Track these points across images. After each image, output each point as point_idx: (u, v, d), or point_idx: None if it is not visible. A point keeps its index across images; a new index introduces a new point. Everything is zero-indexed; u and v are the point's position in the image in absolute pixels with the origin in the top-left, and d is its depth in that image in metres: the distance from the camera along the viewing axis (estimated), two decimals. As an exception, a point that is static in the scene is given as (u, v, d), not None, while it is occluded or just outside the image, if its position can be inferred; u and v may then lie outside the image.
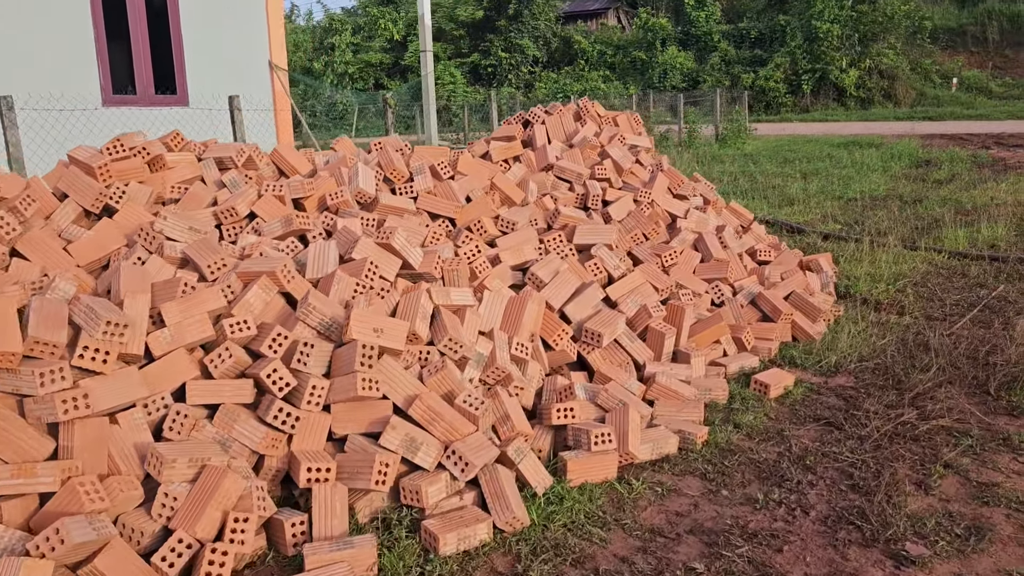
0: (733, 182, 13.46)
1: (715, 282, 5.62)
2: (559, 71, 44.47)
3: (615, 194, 6.10)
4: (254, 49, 14.11)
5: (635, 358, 4.51)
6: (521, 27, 44.40)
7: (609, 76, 43.09)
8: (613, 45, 44.07)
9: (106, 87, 12.19)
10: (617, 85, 41.66)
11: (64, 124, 11.23)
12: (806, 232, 9.06)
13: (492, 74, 45.05)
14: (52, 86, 11.33)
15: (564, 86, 41.81)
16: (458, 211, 5.11)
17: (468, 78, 45.06)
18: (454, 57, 45.69)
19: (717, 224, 6.45)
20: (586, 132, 6.68)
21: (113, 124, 12.08)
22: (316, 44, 53.39)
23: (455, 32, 45.74)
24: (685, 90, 38.22)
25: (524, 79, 44.55)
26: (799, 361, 5.09)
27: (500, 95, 41.40)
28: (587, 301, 4.54)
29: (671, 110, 34.46)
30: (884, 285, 6.74)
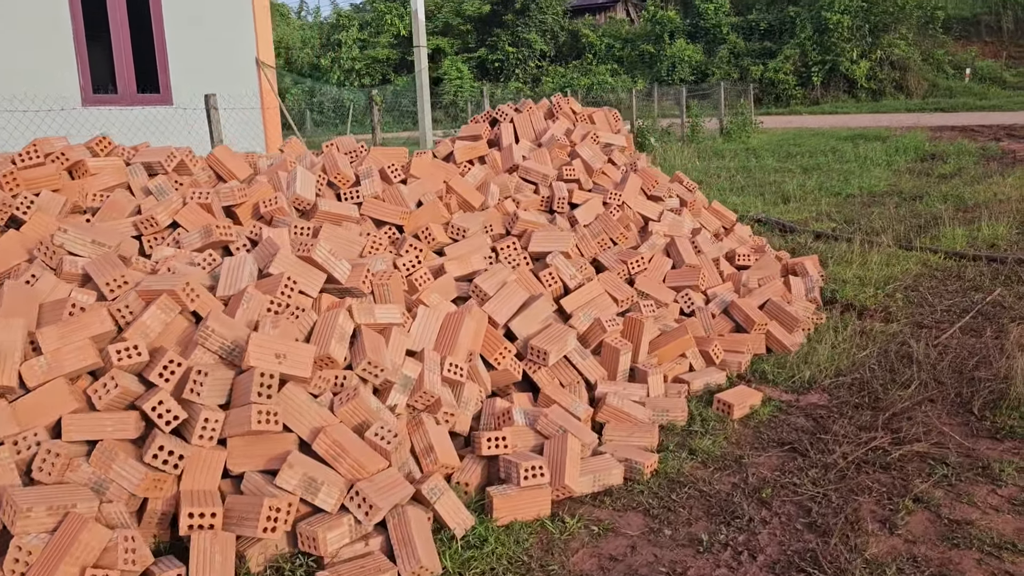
0: (730, 178, 13.07)
1: (685, 290, 5.27)
2: (566, 65, 44.03)
3: (583, 196, 5.76)
4: (240, 46, 13.83)
5: (586, 377, 4.17)
6: (528, 21, 43.99)
7: (617, 70, 42.62)
8: (621, 39, 43.57)
9: (85, 86, 11.95)
10: (625, 79, 41.19)
11: (40, 125, 10.99)
12: (798, 231, 8.69)
13: (499, 69, 44.67)
14: (28, 86, 11.09)
15: (571, 80, 41.39)
16: (405, 217, 4.79)
17: (475, 73, 44.70)
18: (461, 52, 45.33)
19: (693, 227, 6.10)
20: (556, 130, 6.33)
21: (93, 125, 11.83)
22: (323, 40, 53.20)
23: (462, 27, 45.38)
24: (694, 83, 37.73)
25: (531, 74, 44.13)
26: (771, 376, 4.73)
27: (507, 90, 41.12)
28: (535, 315, 4.20)
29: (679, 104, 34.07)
30: (872, 289, 6.36)
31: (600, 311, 4.56)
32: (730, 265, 6.03)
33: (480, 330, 3.98)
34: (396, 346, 3.59)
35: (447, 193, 5.39)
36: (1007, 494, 3.40)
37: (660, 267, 5.45)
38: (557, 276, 4.63)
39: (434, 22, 46.14)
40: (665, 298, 5.06)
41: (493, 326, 4.15)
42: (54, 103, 11.35)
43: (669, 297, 5.09)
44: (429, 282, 4.27)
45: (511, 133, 6.29)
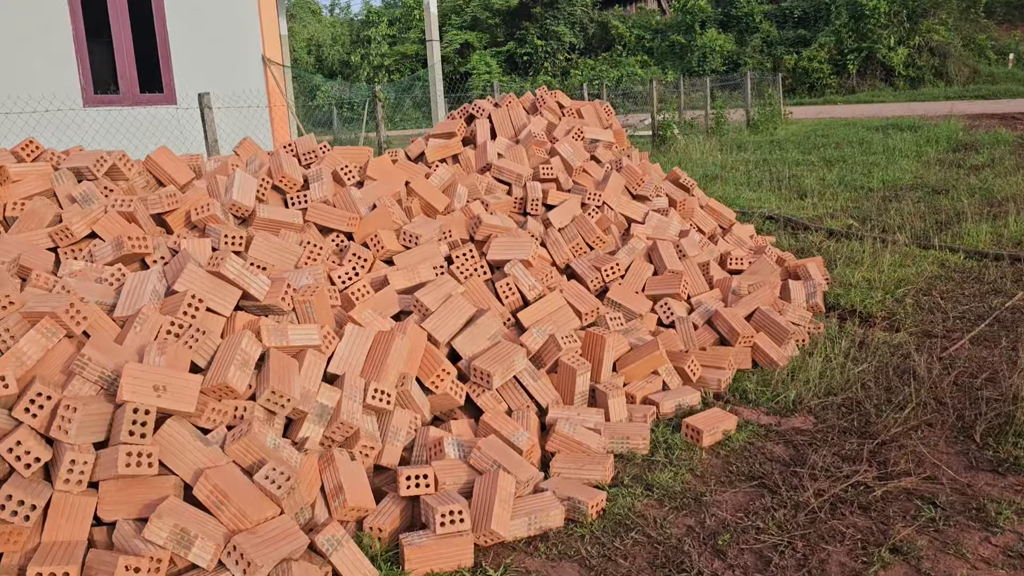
0: (748, 172, 12.53)
1: (664, 299, 4.84)
2: (596, 57, 43.46)
3: (559, 197, 5.35)
4: (246, 43, 13.58)
5: (538, 400, 3.78)
6: (557, 13, 43.48)
7: (647, 61, 41.96)
8: (651, 29, 42.86)
9: (87, 86, 11.77)
10: (655, 70, 40.53)
11: (38, 127, 10.83)
12: (811, 229, 8.18)
13: (528, 63, 44.22)
14: (27, 87, 10.94)
15: (600, 72, 40.84)
16: (354, 223, 4.42)
17: (503, 67, 44.31)
18: (490, 46, 44.96)
19: (681, 228, 5.65)
20: (534, 126, 5.93)
21: (95, 125, 11.68)
22: (354, 37, 53.18)
23: (490, 21, 44.98)
24: (726, 74, 36.93)
25: (560, 67, 43.62)
26: (752, 396, 4.29)
27: (535, 84, 40.66)
28: (481, 332, 3.81)
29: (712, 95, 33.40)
30: (880, 294, 5.87)
31: (560, 326, 4.16)
32: (722, 270, 5.58)
33: (417, 350, 3.61)
34: (311, 371, 3.23)
35: (409, 196, 5.03)
36: (1002, 543, 2.94)
37: (640, 274, 5.03)
38: (514, 287, 4.24)
39: (462, 16, 45.84)
40: (640, 308, 4.64)
41: (433, 345, 3.77)
42: (53, 104, 11.20)
43: (645, 307, 4.67)
44: (368, 296, 3.90)
45: (487, 130, 5.90)
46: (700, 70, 38.98)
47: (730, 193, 10.69)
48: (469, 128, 6.05)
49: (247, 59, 13.66)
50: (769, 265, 5.61)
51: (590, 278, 4.81)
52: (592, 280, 4.81)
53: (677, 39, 40.93)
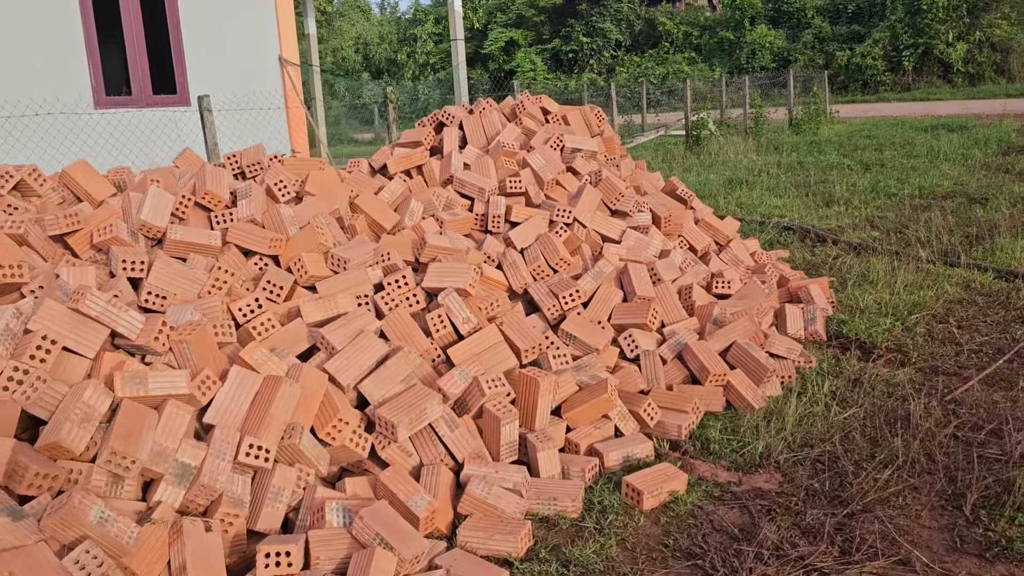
0: (778, 176, 11.86)
1: (629, 329, 4.34)
2: (642, 55, 42.68)
3: (523, 213, 4.88)
4: (262, 43, 13.33)
5: (454, 453, 3.32)
6: (603, 10, 42.80)
7: (694, 58, 41.06)
8: (699, 26, 41.92)
9: (98, 88, 11.61)
10: (702, 67, 39.65)
11: (50, 130, 10.70)
12: (829, 242, 7.56)
13: (573, 60, 43.64)
14: (38, 89, 10.81)
15: (646, 70, 40.10)
16: (277, 245, 4.02)
17: (548, 65, 43.80)
18: (535, 44, 44.47)
19: (662, 248, 5.14)
20: (506, 135, 5.46)
21: (107, 128, 11.54)
22: (400, 36, 53.19)
23: (535, 18, 44.47)
24: (776, 70, 35.85)
25: (606, 64, 42.95)
26: (715, 446, 3.77)
27: (580, 81, 40.08)
28: (391, 374, 3.36)
29: (761, 92, 32.46)
30: (890, 321, 5.28)
31: (494, 364, 3.69)
32: (707, 294, 5.05)
33: (314, 395, 3.18)
34: (171, 425, 2.82)
35: (353, 214, 4.61)
36: (972, 659, 2.40)
37: (606, 301, 4.53)
38: (446, 320, 3.78)
39: (507, 14, 45.44)
40: (597, 341, 4.14)
41: (339, 388, 3.34)
42: (65, 106, 11.06)
43: (603, 340, 4.17)
44: (273, 331, 3.49)
45: (455, 139, 5.45)
46: (749, 67, 37.97)
47: (753, 199, 10.08)
48: (438, 137, 5.61)
49: (263, 60, 13.41)
50: (759, 289, 5.06)
51: (547, 305, 4.34)
52: (549, 308, 4.33)
53: (726, 35, 39.95)
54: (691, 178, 12.17)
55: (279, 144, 13.11)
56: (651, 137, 17.66)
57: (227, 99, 12.47)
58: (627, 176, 5.95)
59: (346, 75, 50.85)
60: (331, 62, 52.46)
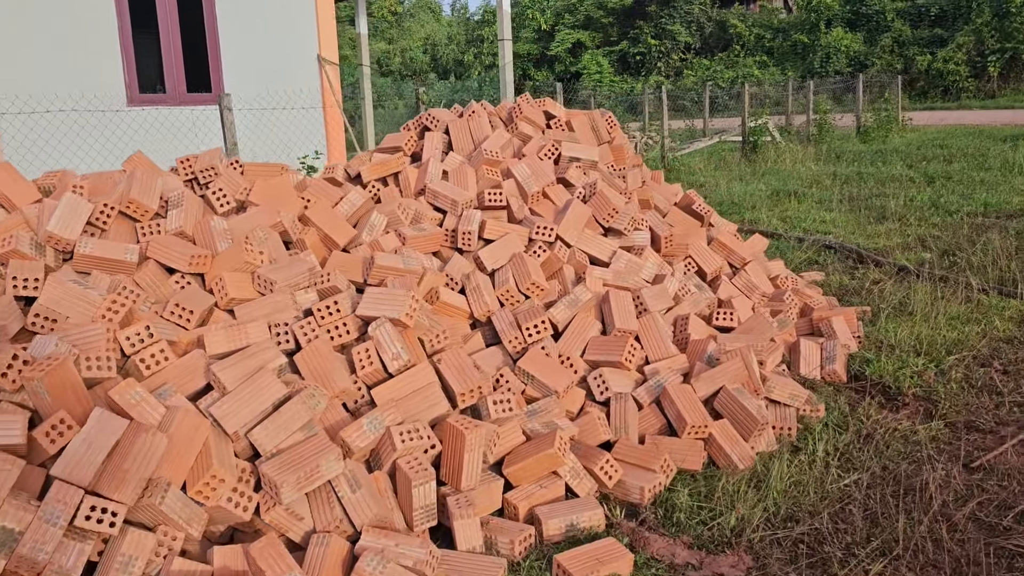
0: (832, 188, 11.06)
1: (600, 368, 3.78)
2: (712, 57, 41.62)
3: (498, 230, 4.36)
4: (301, 42, 13.07)
5: (352, 519, 2.82)
6: (673, 12, 41.88)
7: (766, 62, 39.86)
8: (772, 28, 40.65)
9: (131, 85, 11.48)
10: (774, 71, 38.43)
11: (85, 127, 10.60)
12: (871, 263, 6.84)
13: (640, 63, 42.82)
14: (70, 85, 10.72)
15: (715, 73, 39.09)
16: (198, 262, 3.58)
17: (615, 67, 43.05)
18: (602, 46, 43.79)
19: (657, 272, 4.56)
20: (492, 142, 4.94)
21: (139, 126, 11.41)
22: (468, 36, 53.08)
23: (603, 20, 43.79)
24: (851, 75, 34.46)
25: (674, 67, 42.01)
26: (681, 516, 3.19)
27: (647, 84, 39.26)
28: (287, 421, 2.89)
29: (834, 98, 31.23)
30: (923, 361, 4.59)
31: (420, 411, 3.19)
32: (707, 325, 4.45)
33: (191, 444, 2.73)
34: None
35: (306, 227, 4.16)
36: None
37: (582, 333, 3.98)
38: (373, 355, 3.29)
39: (575, 15, 44.85)
40: (558, 382, 3.60)
41: (227, 437, 2.88)
42: (97, 103, 10.96)
43: (565, 381, 3.62)
44: (165, 364, 3.05)
45: (437, 145, 4.97)
46: (822, 71, 36.65)
47: (800, 213, 9.34)
48: (421, 142, 5.13)
49: (303, 58, 13.15)
50: (765, 322, 4.44)
51: (508, 337, 3.81)
52: (511, 340, 3.81)
53: (800, 38, 38.65)
54: (738, 188, 11.46)
55: (315, 144, 12.85)
56: (707, 143, 16.91)
57: (263, 98, 12.25)
58: (634, 189, 5.38)
59: (413, 76, 50.95)
60: (399, 63, 52.67)
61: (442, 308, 3.91)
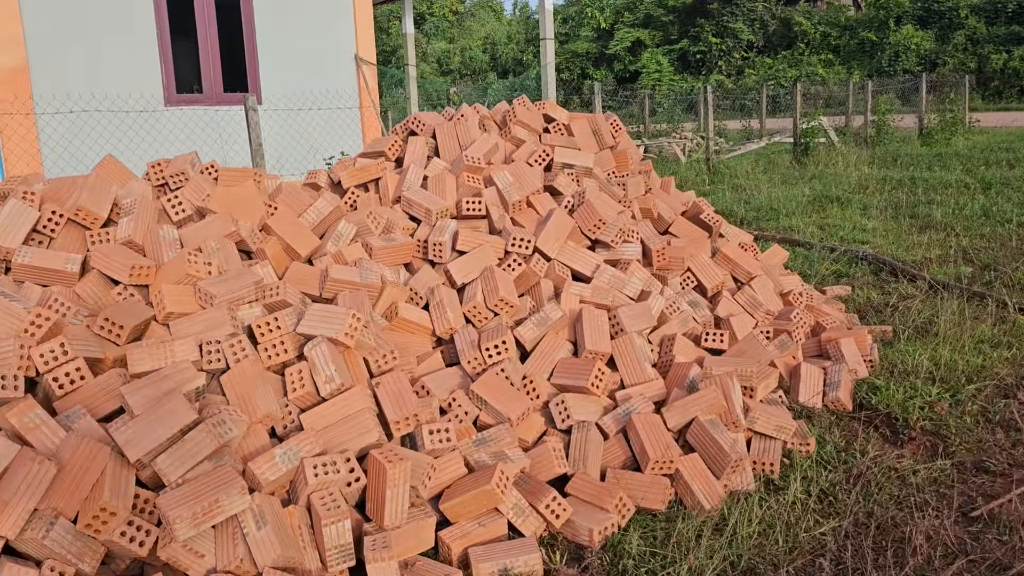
0: (881, 193, 10.52)
1: (564, 394, 3.50)
2: (775, 56, 40.62)
3: (472, 241, 4.11)
4: (338, 42, 13.02)
5: (255, 558, 2.60)
6: (735, 10, 40.99)
7: (831, 60, 38.73)
8: (839, 26, 39.49)
9: (169, 85, 11.55)
10: (839, 70, 37.29)
11: (120, 128, 10.71)
12: (903, 278, 6.39)
13: (701, 61, 42.04)
14: (108, 86, 10.83)
15: (777, 72, 38.12)
16: (140, 274, 3.43)
17: (675, 66, 42.31)
18: (662, 44, 43.10)
19: (644, 288, 4.26)
20: (476, 148, 4.69)
21: (176, 126, 11.49)
22: (528, 35, 52.84)
23: (664, 18, 43.09)
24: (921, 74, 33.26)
25: (735, 65, 41.12)
26: (629, 563, 2.90)
27: (707, 83, 38.51)
28: (191, 450, 2.68)
29: (901, 97, 30.15)
30: (938, 390, 4.20)
31: (348, 439, 2.96)
32: (696, 347, 4.14)
33: (87, 473, 2.55)
34: None
35: (269, 236, 3.98)
36: None
37: (550, 354, 3.71)
38: (306, 379, 3.08)
39: (635, 14, 44.25)
40: (512, 409, 3.34)
41: (127, 467, 2.70)
42: (135, 104, 11.06)
43: (520, 408, 3.36)
44: (78, 385, 2.88)
45: (420, 150, 4.74)
46: (891, 70, 35.45)
47: (840, 221, 8.87)
48: (407, 147, 4.91)
49: (340, 59, 13.09)
50: (758, 345, 4.10)
51: (467, 357, 3.57)
52: (469, 360, 3.56)
53: (868, 36, 37.46)
54: (780, 192, 10.99)
55: (351, 145, 12.77)
56: (756, 145, 16.37)
57: (299, 99, 12.23)
58: (635, 197, 5.08)
59: (472, 75, 50.97)
60: (459, 62, 52.75)
61: (402, 325, 3.69)
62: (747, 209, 10.03)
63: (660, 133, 23.51)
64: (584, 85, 44.56)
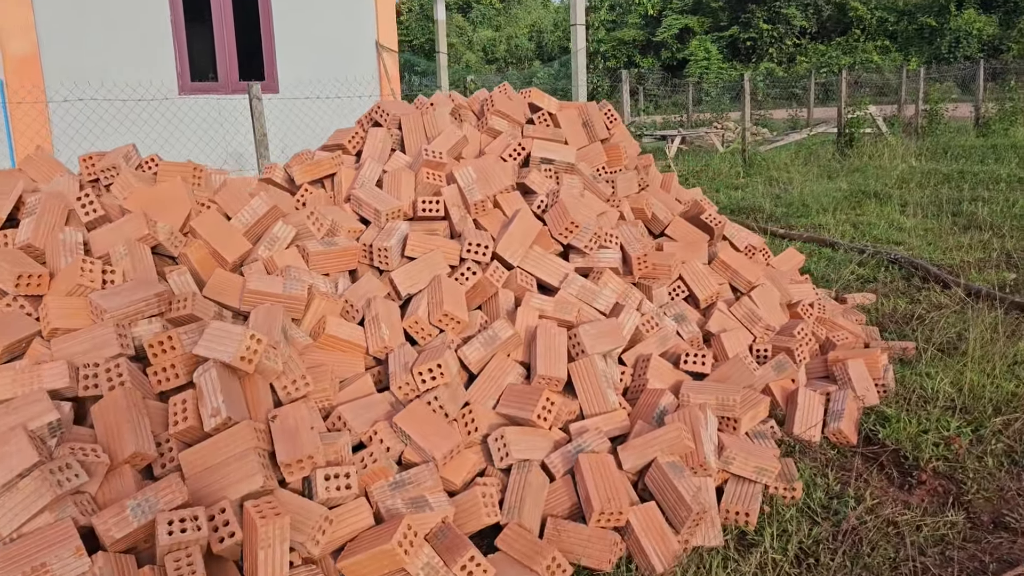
0: (916, 190, 9.80)
1: (505, 427, 3.03)
2: (828, 43, 39.31)
3: (423, 246, 3.66)
4: (359, 28, 12.63)
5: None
6: (788, -5, 39.77)
7: (888, 47, 37.36)
8: (897, 11, 38.03)
9: (183, 73, 11.29)
10: (896, 56, 35.93)
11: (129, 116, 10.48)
12: (934, 284, 5.78)
13: (751, 48, 40.90)
14: (120, 74, 10.59)
15: (830, 59, 36.87)
16: (27, 283, 3.05)
17: (724, 53, 41.23)
18: (711, 31, 42.02)
19: (615, 300, 3.76)
20: (441, 142, 4.22)
21: (189, 115, 11.24)
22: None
23: (713, 4, 42.00)
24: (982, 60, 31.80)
25: (787, 53, 39.91)
26: (555, 641, 2.43)
27: (757, 71, 37.47)
28: (26, 501, 2.28)
29: (961, 85, 28.89)
30: (957, 424, 3.63)
31: (227, 484, 2.53)
32: (676, 370, 3.64)
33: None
34: None
35: (190, 240, 3.57)
36: None
37: (498, 379, 3.25)
38: (191, 407, 2.66)
39: (684, 0, 43.18)
40: (437, 446, 2.87)
41: (-43, 515, 2.31)
42: (146, 92, 10.81)
43: (447, 445, 2.89)
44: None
45: (380, 143, 4.29)
46: (950, 57, 34.01)
47: (875, 219, 8.22)
48: (370, 139, 4.46)
49: (360, 46, 12.69)
50: (743, 369, 3.58)
51: (399, 382, 3.12)
52: (400, 386, 3.11)
53: (927, 21, 36.03)
54: (816, 187, 10.33)
55: (371, 134, 12.38)
56: (799, 136, 15.61)
57: (319, 87, 11.86)
58: (625, 196, 4.58)
59: (517, 63, 50.39)
60: (504, 50, 52.22)
61: (330, 343, 3.26)
62: (777, 205, 9.40)
63: (703, 123, 22.78)
64: (631, 73, 43.68)
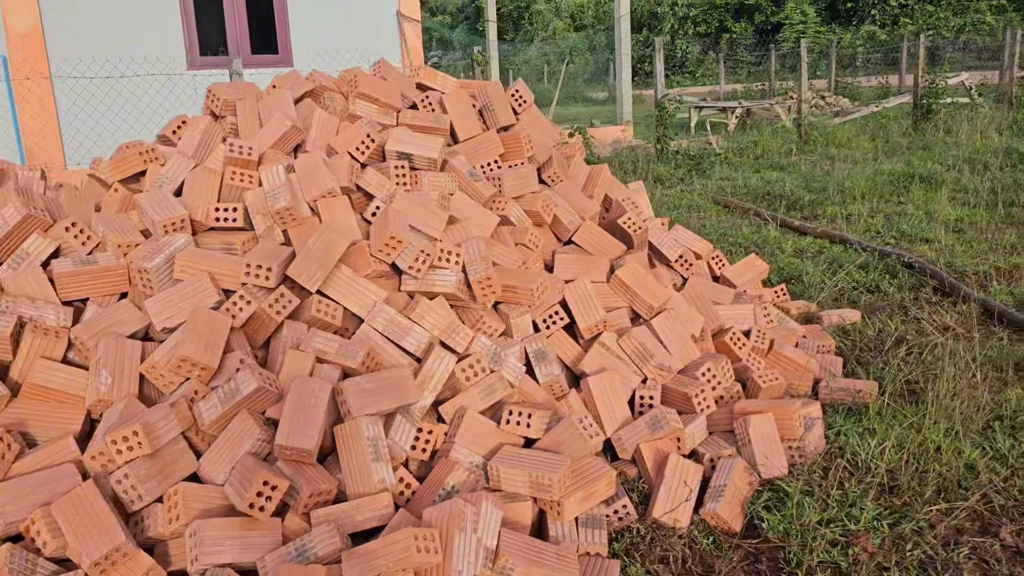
0: (978, 174, 8.48)
1: (208, 519, 2.31)
2: (937, 3, 36.37)
3: (194, 267, 2.95)
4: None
5: None
6: (896, -49, 36.97)
7: (1005, 6, 34.26)
8: (1017, -35, 34.79)
9: (191, 47, 10.88)
10: (1012, 16, 32.88)
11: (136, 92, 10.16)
12: (953, 296, 4.74)
13: (852, 11, 38.32)
14: (127, 48, 10.26)
15: (938, 21, 34.10)
16: None
17: (823, 16, 38.77)
18: (809, -9, 39.57)
19: (430, 339, 2.97)
20: (265, 134, 3.48)
21: (199, 90, 10.85)
22: (664, -13, 50.07)
23: (812, -38, 39.45)
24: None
25: (891, 15, 37.17)
26: None
27: (857, 35, 35.12)
28: None
29: None
30: (875, 510, 2.71)
31: None
32: (500, 431, 2.84)
33: None
34: None
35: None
36: None
37: (237, 445, 2.53)
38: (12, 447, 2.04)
39: (780, -40, 40.76)
40: (93, 548, 2.18)
41: None
42: (152, 67, 10.46)
43: (103, 546, 2.20)
44: None
45: (196, 135, 3.58)
46: (1076, 16, 30.89)
47: (916, 209, 7.07)
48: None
49: (380, 16, 12.01)
50: (578, 434, 2.74)
51: (92, 451, 2.44)
52: (94, 456, 2.43)
53: (1050, -22, 32.79)
54: (859, 169, 9.12)
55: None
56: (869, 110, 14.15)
57: (335, 60, 11.25)
58: (513, 196, 3.76)
59: (605, 30, 48.80)
60: (592, 16, 50.84)
61: (35, 392, 2.61)
62: (811, 191, 8.29)
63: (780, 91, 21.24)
64: (723, 39, 41.88)
